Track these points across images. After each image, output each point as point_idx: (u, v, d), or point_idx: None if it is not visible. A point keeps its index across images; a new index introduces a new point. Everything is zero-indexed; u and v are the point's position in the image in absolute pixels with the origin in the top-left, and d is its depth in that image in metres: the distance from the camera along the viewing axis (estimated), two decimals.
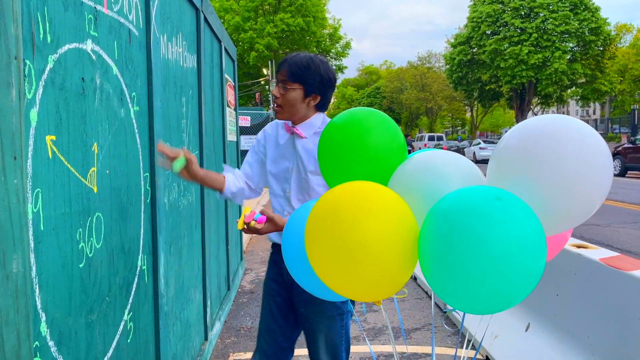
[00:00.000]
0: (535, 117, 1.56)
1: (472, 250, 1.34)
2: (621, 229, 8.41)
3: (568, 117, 1.50)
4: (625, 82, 47.32)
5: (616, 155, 19.67)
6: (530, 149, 1.46)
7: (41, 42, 1.38)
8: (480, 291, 1.38)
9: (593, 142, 1.44)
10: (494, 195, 1.41)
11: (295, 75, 2.13)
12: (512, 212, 1.37)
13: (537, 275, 1.38)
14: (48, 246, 1.41)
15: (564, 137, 1.44)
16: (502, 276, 1.34)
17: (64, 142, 1.50)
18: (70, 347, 1.53)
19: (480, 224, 1.35)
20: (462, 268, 1.37)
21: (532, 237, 1.36)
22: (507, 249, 1.33)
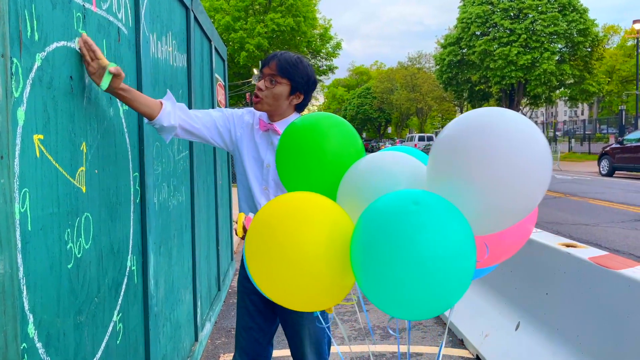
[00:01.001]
0: (471, 111, 1.49)
1: (390, 257, 1.32)
2: (609, 229, 8.48)
3: (500, 110, 1.44)
4: (612, 83, 47.82)
5: (604, 155, 19.84)
6: (458, 146, 1.41)
7: (29, 40, 1.36)
8: (404, 297, 1.35)
9: (526, 137, 1.38)
10: (412, 199, 1.38)
11: (285, 70, 2.13)
12: (429, 217, 1.34)
13: (463, 278, 1.36)
14: (36, 247, 1.39)
15: (493, 132, 1.38)
16: (422, 282, 1.31)
17: (51, 141, 1.48)
18: (58, 349, 1.52)
19: (395, 230, 1.33)
20: (382, 275, 1.35)
21: (453, 240, 1.33)
22: (426, 255, 1.30)
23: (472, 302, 4.23)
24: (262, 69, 2.19)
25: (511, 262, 3.79)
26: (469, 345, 3.88)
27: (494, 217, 1.44)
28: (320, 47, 38.06)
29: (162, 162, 2.80)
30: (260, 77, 2.18)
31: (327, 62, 39.42)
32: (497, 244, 1.64)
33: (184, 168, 3.44)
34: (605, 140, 32.53)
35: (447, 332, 4.26)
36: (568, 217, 9.58)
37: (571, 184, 16.28)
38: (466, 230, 1.37)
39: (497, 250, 1.66)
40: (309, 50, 37.49)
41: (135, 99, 1.92)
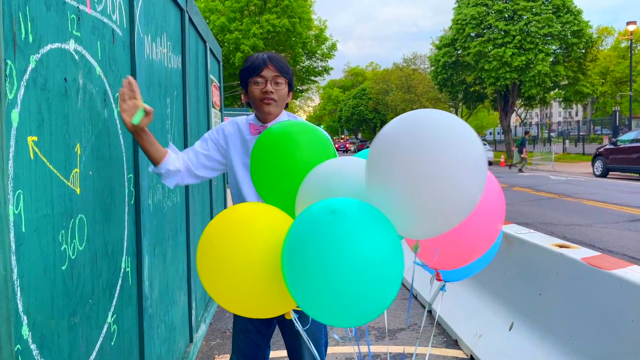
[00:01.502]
0: (403, 115, 1.45)
1: (311, 267, 1.33)
2: (603, 229, 8.53)
3: (431, 112, 1.41)
4: (606, 84, 48.04)
5: (598, 156, 19.95)
6: (385, 151, 1.39)
7: (23, 42, 1.37)
8: (330, 306, 1.36)
9: (455, 140, 1.35)
10: (329, 209, 1.38)
11: (283, 70, 2.16)
12: (345, 226, 1.33)
13: (385, 284, 1.35)
14: (30, 248, 1.39)
15: (421, 135, 1.35)
16: (345, 290, 1.31)
17: (46, 143, 1.49)
18: (52, 350, 1.52)
19: (311, 240, 1.34)
20: (307, 286, 1.36)
21: (370, 248, 1.32)
22: (342, 263, 1.30)
23: (466, 302, 4.25)
24: (260, 72, 2.15)
25: (505, 263, 3.82)
26: (463, 346, 3.89)
27: (427, 220, 1.41)
28: (316, 48, 38.05)
29: None
30: (260, 81, 2.16)
31: (323, 63, 39.41)
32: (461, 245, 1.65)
33: None
34: (599, 141, 32.67)
35: (442, 333, 4.28)
36: (562, 218, 9.62)
37: (565, 184, 16.35)
38: (388, 236, 1.36)
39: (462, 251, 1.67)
40: (305, 51, 37.48)
41: (151, 142, 2.02)
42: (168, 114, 3.10)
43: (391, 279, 1.36)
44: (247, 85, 2.21)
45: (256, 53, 2.23)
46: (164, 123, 3.00)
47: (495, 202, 1.68)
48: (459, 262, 1.72)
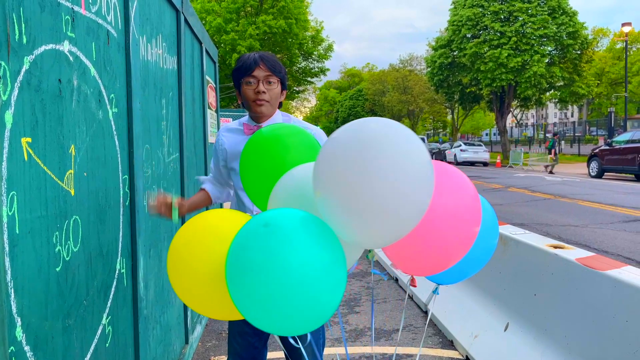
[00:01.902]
0: (346, 124, 1.42)
1: (246, 279, 1.36)
2: (598, 230, 8.56)
3: (370, 121, 1.38)
4: (602, 85, 48.24)
5: (593, 157, 20.02)
6: (324, 163, 1.38)
7: (16, 43, 1.36)
8: (268, 315, 1.37)
9: (397, 147, 1.33)
10: (263, 222, 1.40)
11: (275, 69, 2.15)
12: (277, 238, 1.34)
13: (322, 294, 1.36)
14: (23, 250, 1.39)
15: (359, 144, 1.33)
16: (280, 301, 1.33)
17: (40, 144, 1.48)
18: (46, 352, 1.51)
19: (244, 251, 1.37)
20: (245, 297, 1.38)
21: (304, 260, 1.33)
22: (276, 275, 1.31)
23: (461, 303, 4.26)
24: (251, 72, 2.15)
25: (500, 263, 3.83)
26: (458, 346, 3.90)
27: (373, 230, 1.39)
28: (312, 49, 38.06)
29: (152, 164, 2.80)
30: (254, 81, 2.15)
31: (319, 64, 39.43)
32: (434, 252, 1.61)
33: (175, 170, 3.44)
34: (594, 142, 32.82)
35: (437, 333, 4.28)
36: (557, 219, 9.65)
37: (561, 185, 16.41)
38: (325, 247, 1.37)
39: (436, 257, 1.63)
40: (301, 52, 37.49)
41: (193, 207, 2.30)
42: (163, 115, 3.10)
43: (328, 289, 1.37)
44: (240, 86, 2.21)
45: (248, 53, 2.22)
46: (159, 124, 2.99)
47: (470, 206, 1.64)
48: (435, 269, 1.69)
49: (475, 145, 32.17)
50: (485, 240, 1.81)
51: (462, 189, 1.64)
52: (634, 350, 2.45)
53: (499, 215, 8.51)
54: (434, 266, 1.68)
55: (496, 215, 1.94)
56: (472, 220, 1.64)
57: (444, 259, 1.65)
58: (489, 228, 1.84)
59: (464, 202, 1.62)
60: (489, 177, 20.43)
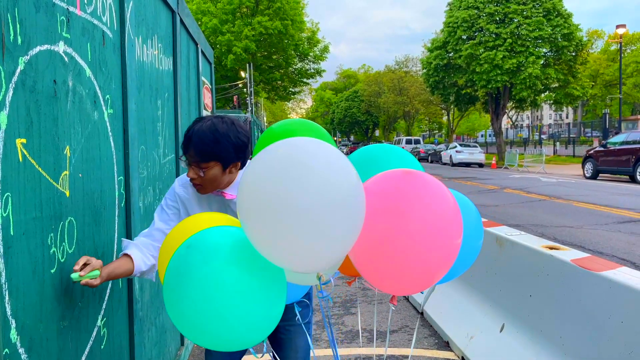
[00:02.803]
0: (267, 148, 1.39)
1: (171, 297, 1.43)
2: (593, 231, 8.59)
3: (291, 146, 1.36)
4: (596, 87, 48.43)
5: (588, 158, 20.10)
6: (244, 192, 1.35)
7: (11, 43, 1.36)
8: (199, 333, 1.41)
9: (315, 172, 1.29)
10: (187, 243, 1.47)
11: (207, 154, 1.91)
12: (196, 259, 1.40)
13: (245, 314, 1.38)
14: (18, 251, 1.38)
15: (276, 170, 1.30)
16: (202, 320, 1.37)
17: (34, 145, 1.48)
18: (41, 354, 1.51)
19: (174, 272, 1.44)
20: (174, 312, 1.44)
21: (222, 282, 1.36)
22: (194, 295, 1.37)
23: (457, 304, 4.26)
24: (186, 153, 1.96)
25: (496, 264, 3.83)
26: (454, 347, 3.90)
27: (297, 258, 1.35)
28: (308, 51, 38.10)
29: (148, 165, 2.79)
30: (187, 163, 1.97)
31: (315, 65, 39.47)
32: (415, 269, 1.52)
33: (170, 171, 3.43)
34: (589, 143, 32.93)
35: (433, 334, 4.29)
36: (553, 220, 9.68)
37: (556, 186, 16.46)
38: (247, 270, 1.40)
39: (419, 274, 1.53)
40: (297, 53, 37.51)
41: (115, 272, 1.83)
42: (159, 116, 3.09)
43: (255, 307, 1.39)
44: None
45: (194, 122, 1.97)
46: (155, 125, 2.98)
47: (450, 218, 1.54)
48: (418, 287, 1.58)
49: (471, 146, 32.24)
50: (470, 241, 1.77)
51: (440, 200, 1.55)
52: (630, 351, 2.46)
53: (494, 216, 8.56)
54: (416, 284, 1.57)
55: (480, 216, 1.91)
56: (453, 233, 1.54)
57: (426, 276, 1.55)
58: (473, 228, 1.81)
59: (442, 214, 1.53)
60: (484, 178, 20.48)
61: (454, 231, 1.54)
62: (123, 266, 1.89)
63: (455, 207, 1.58)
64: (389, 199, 1.52)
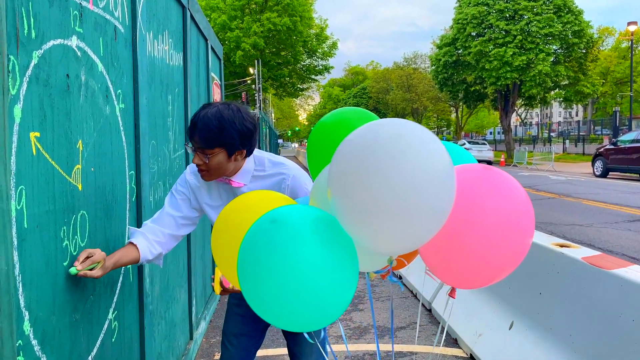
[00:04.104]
0: (365, 125, 1.40)
1: (251, 272, 1.38)
2: (603, 229, 8.53)
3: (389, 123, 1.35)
4: (607, 84, 48.03)
5: (598, 156, 19.94)
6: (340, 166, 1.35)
7: (25, 37, 1.36)
8: (275, 310, 1.38)
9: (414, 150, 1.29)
10: (270, 218, 1.41)
11: (212, 141, 1.89)
12: (282, 235, 1.36)
13: (327, 293, 1.36)
14: (32, 244, 1.39)
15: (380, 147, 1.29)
16: (285, 297, 1.34)
17: (48, 139, 1.49)
18: (53, 346, 1.52)
19: (251, 247, 1.39)
20: (251, 288, 1.40)
21: (310, 258, 1.33)
22: (283, 271, 1.32)
23: (466, 301, 4.25)
24: (191, 138, 1.95)
25: None
26: (462, 345, 3.89)
27: (387, 236, 1.35)
28: (317, 47, 38.02)
29: (158, 160, 2.80)
30: (193, 149, 1.96)
31: (323, 62, 39.39)
32: (481, 264, 1.51)
33: (180, 166, 3.44)
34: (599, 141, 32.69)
35: (440, 332, 4.28)
36: (562, 218, 9.62)
37: (565, 184, 16.36)
38: (332, 248, 1.37)
39: (484, 270, 1.52)
40: (305, 49, 37.45)
41: (118, 261, 1.83)
42: (169, 111, 3.10)
43: (334, 289, 1.37)
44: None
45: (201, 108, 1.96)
46: (165, 120, 3.00)
47: (523, 215, 1.52)
48: (482, 282, 1.57)
49: (480, 144, 32.09)
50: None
51: (513, 195, 1.53)
52: None
53: None
54: (481, 280, 1.56)
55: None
56: (525, 230, 1.52)
57: (491, 272, 1.53)
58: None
59: (516, 211, 1.50)
60: None
61: (526, 229, 1.53)
62: (129, 255, 1.90)
63: (528, 204, 1.55)
64: (467, 191, 1.50)
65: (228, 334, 2.34)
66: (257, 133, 2.01)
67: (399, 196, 1.26)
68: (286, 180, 2.07)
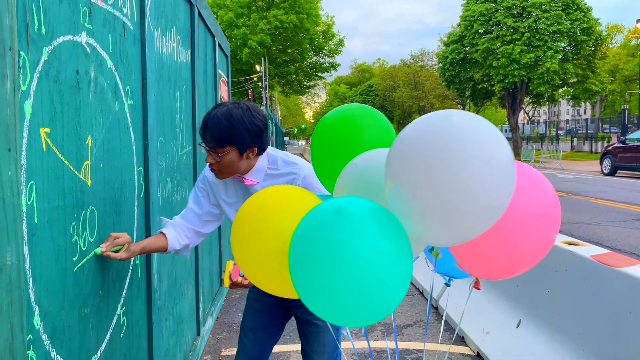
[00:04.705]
0: (425, 115, 1.40)
1: (313, 267, 1.33)
2: (611, 227, 8.48)
3: (451, 114, 1.35)
4: (615, 82, 47.70)
5: (606, 154, 19.82)
6: (399, 155, 1.35)
7: (36, 33, 1.37)
8: (332, 305, 1.35)
9: (478, 142, 1.28)
10: (333, 209, 1.37)
11: (222, 140, 1.92)
12: (347, 227, 1.32)
13: (388, 285, 1.33)
14: (42, 239, 1.40)
15: (434, 137, 1.30)
16: (346, 290, 1.30)
17: (58, 134, 1.49)
18: (63, 341, 1.53)
19: (314, 240, 1.34)
20: (309, 284, 1.36)
21: (373, 249, 1.31)
22: (343, 264, 1.29)
23: (473, 299, 4.24)
24: (203, 139, 1.99)
25: None
26: (469, 342, 3.89)
27: (443, 227, 1.35)
28: (323, 44, 37.99)
29: (166, 157, 2.81)
30: (206, 149, 1.99)
31: (330, 59, 39.36)
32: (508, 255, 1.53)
33: (187, 163, 3.45)
34: (607, 139, 32.45)
35: (448, 329, 4.27)
36: (570, 216, 9.57)
37: (573, 183, 16.27)
38: (392, 238, 1.35)
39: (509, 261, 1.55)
40: (312, 47, 37.43)
41: (148, 247, 2.00)
42: (177, 108, 3.11)
43: (393, 282, 1.34)
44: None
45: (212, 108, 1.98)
46: (173, 117, 3.00)
47: (550, 209, 1.54)
48: (505, 274, 1.60)
49: None
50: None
51: (542, 191, 1.55)
52: None
53: None
54: (504, 271, 1.58)
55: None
56: (551, 225, 1.53)
57: (517, 264, 1.55)
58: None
59: (543, 204, 1.52)
60: None
61: (552, 224, 1.55)
62: (158, 242, 2.06)
63: (555, 199, 1.57)
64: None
65: (245, 328, 2.36)
66: (267, 131, 2.03)
67: (466, 191, 1.26)
68: (297, 180, 2.10)
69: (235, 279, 1.99)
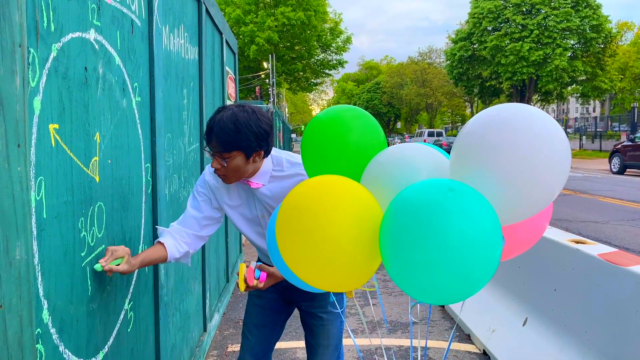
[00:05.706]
0: (494, 106, 1.57)
1: (426, 242, 1.38)
2: (619, 226, 8.42)
3: (522, 106, 1.52)
4: (625, 80, 47.30)
5: (615, 153, 19.67)
6: (483, 138, 1.48)
7: (45, 30, 1.38)
8: (436, 281, 1.40)
9: (547, 130, 1.46)
10: (447, 187, 1.43)
11: (228, 145, 1.89)
12: (464, 203, 1.39)
13: (493, 264, 1.41)
14: (50, 234, 1.41)
15: (516, 124, 1.47)
16: (456, 266, 1.37)
17: (66, 131, 1.51)
18: (71, 335, 1.55)
19: (433, 215, 1.39)
20: (413, 260, 1.41)
21: (485, 226, 1.39)
22: (460, 240, 1.36)
23: (479, 297, 4.23)
24: (209, 143, 1.94)
25: (520, 258, 3.79)
26: (475, 341, 3.88)
27: (516, 206, 1.49)
28: (331, 42, 37.94)
29: (174, 153, 2.82)
30: (211, 153, 1.96)
31: (337, 57, 39.29)
32: (510, 238, 1.64)
33: (195, 160, 3.47)
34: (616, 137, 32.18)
35: (451, 328, 4.27)
36: (578, 215, 9.52)
37: (582, 181, 16.17)
38: (494, 217, 1.42)
39: (509, 244, 1.66)
40: (319, 44, 37.39)
41: (147, 259, 1.92)
42: (185, 105, 3.12)
43: (494, 259, 1.41)
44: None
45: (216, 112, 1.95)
46: (181, 114, 3.02)
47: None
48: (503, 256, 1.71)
49: None
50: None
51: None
52: None
53: None
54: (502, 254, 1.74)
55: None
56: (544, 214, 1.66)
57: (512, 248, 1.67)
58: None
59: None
60: None
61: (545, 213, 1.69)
62: (157, 253, 1.98)
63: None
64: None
65: (249, 325, 2.36)
66: (272, 133, 2.01)
67: (542, 169, 1.44)
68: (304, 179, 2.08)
69: (251, 283, 1.92)
